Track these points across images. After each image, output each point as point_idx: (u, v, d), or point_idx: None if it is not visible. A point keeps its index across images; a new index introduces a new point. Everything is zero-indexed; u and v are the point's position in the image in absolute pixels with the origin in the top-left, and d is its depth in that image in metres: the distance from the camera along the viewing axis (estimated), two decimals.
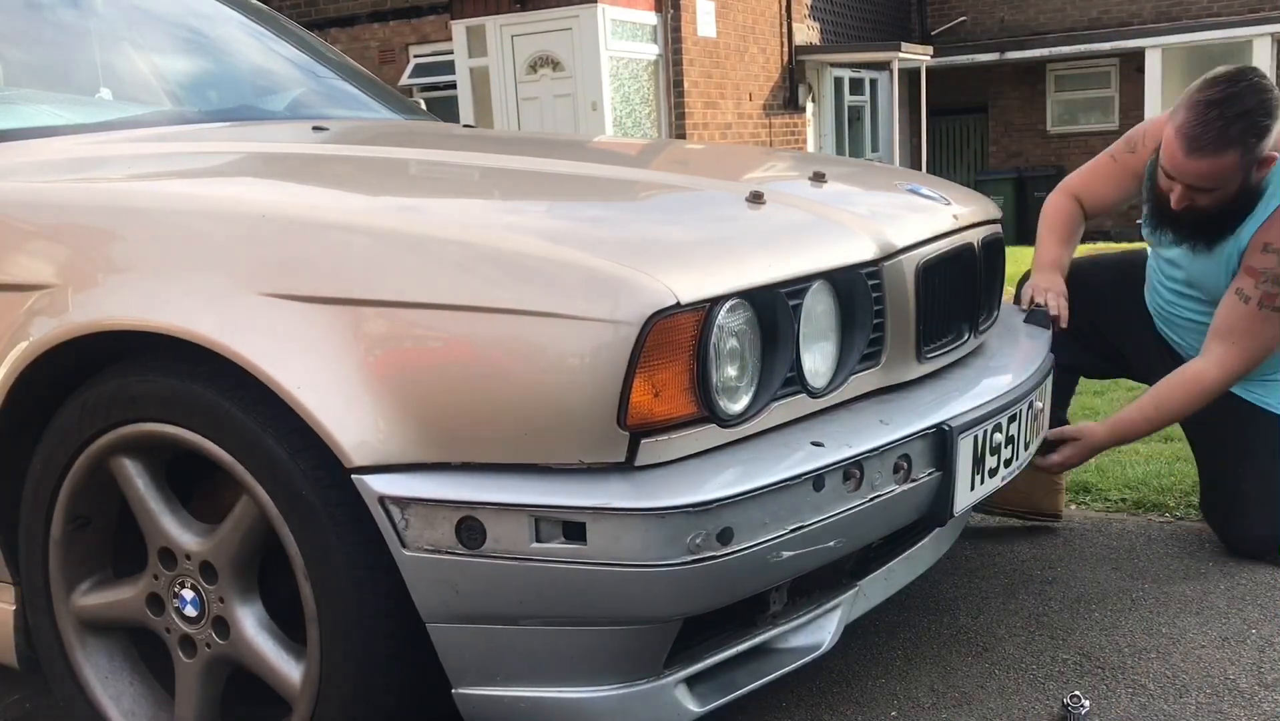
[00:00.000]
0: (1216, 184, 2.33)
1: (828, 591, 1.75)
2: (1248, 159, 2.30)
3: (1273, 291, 2.36)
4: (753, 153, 2.92)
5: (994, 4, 16.07)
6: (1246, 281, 2.39)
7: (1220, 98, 2.27)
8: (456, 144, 2.41)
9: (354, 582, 1.51)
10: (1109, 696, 1.98)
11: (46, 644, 1.82)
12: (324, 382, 1.47)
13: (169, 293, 1.58)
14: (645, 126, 11.24)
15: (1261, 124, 2.27)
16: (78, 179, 1.89)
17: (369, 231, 1.54)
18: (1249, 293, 2.38)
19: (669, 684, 1.54)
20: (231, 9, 2.92)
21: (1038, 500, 2.73)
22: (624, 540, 1.40)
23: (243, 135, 2.32)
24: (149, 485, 1.69)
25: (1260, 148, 2.30)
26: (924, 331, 1.85)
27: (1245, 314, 2.39)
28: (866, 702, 2.00)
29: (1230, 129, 2.26)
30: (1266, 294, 2.37)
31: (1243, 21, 13.84)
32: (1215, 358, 2.42)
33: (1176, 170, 2.34)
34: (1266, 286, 2.36)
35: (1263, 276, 2.37)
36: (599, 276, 1.42)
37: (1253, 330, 2.39)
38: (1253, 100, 2.26)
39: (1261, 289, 2.37)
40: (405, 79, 12.13)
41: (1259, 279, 2.37)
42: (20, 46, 2.45)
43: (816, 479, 1.51)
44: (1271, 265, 2.36)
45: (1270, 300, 2.37)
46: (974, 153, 16.80)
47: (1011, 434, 1.93)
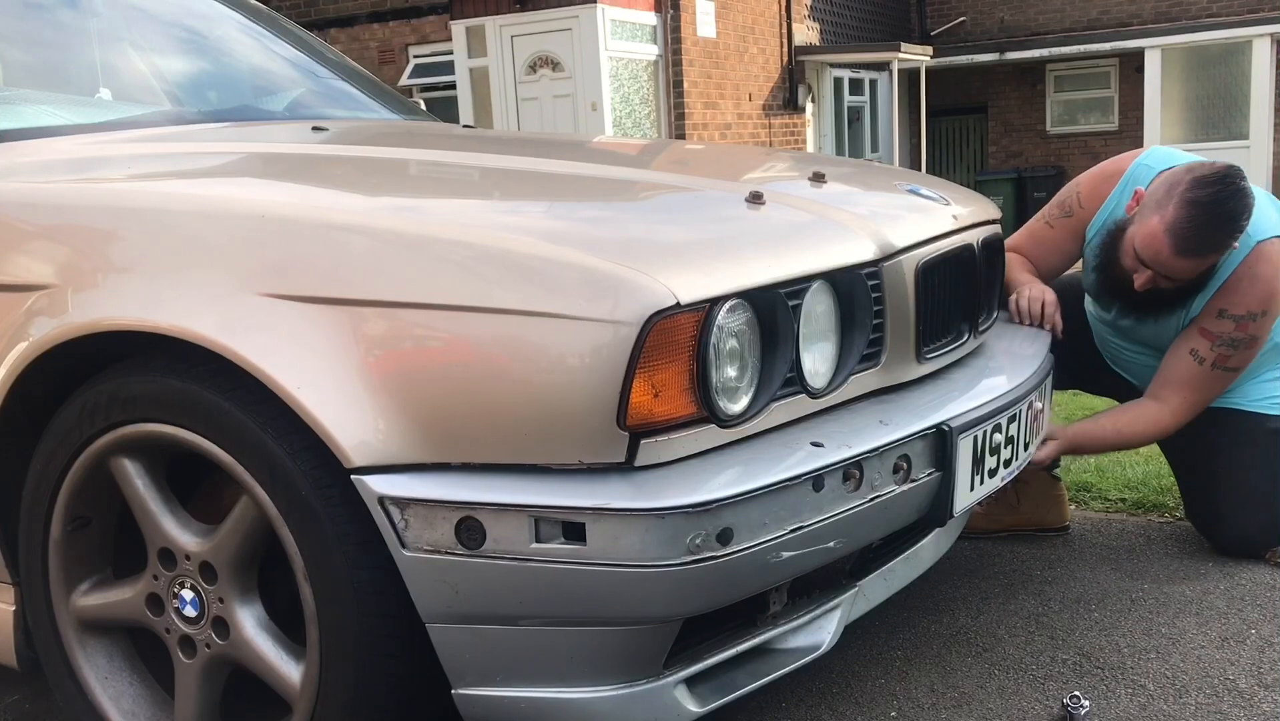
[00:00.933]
0: (1192, 275, 2.39)
1: (828, 591, 1.75)
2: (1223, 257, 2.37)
3: (1226, 354, 2.45)
4: (752, 153, 2.92)
5: (994, 4, 16.07)
6: (1201, 343, 2.46)
7: (1213, 200, 2.30)
8: (456, 144, 2.41)
9: (354, 583, 1.51)
10: (1109, 696, 1.98)
11: (46, 644, 1.82)
12: (324, 383, 1.47)
13: (169, 293, 1.58)
14: (645, 127, 11.23)
15: (1244, 226, 2.33)
16: (78, 179, 1.89)
17: (369, 231, 1.54)
18: (1204, 355, 2.46)
19: (669, 684, 1.54)
20: (231, 9, 2.91)
21: (1042, 517, 2.75)
22: (624, 540, 1.40)
23: (242, 135, 2.32)
24: (149, 485, 1.69)
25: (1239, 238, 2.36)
26: (924, 332, 1.85)
27: (1199, 373, 2.48)
28: (866, 702, 2.00)
29: (1219, 233, 2.31)
30: (1220, 355, 2.46)
31: (1242, 22, 13.83)
32: (1171, 408, 2.50)
33: (1159, 265, 2.36)
34: (1221, 349, 2.45)
35: (1217, 340, 2.45)
36: (599, 276, 1.42)
37: (1205, 386, 2.49)
38: (1240, 205, 2.31)
39: (1216, 351, 2.45)
40: (405, 79, 12.13)
41: (1214, 341, 2.45)
42: (20, 46, 2.45)
43: (816, 479, 1.51)
44: (1227, 330, 2.44)
45: (1223, 361, 2.46)
46: (973, 153, 16.80)
47: (1011, 434, 1.93)
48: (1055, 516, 2.75)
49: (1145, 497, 2.96)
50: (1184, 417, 2.51)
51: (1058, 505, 2.75)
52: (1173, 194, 2.33)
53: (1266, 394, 2.57)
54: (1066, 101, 15.78)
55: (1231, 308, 2.42)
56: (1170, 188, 2.35)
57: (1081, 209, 2.65)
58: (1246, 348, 2.44)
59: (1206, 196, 2.30)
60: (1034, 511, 2.74)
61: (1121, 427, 2.53)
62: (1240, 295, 2.41)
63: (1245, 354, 2.45)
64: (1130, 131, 14.67)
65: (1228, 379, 2.49)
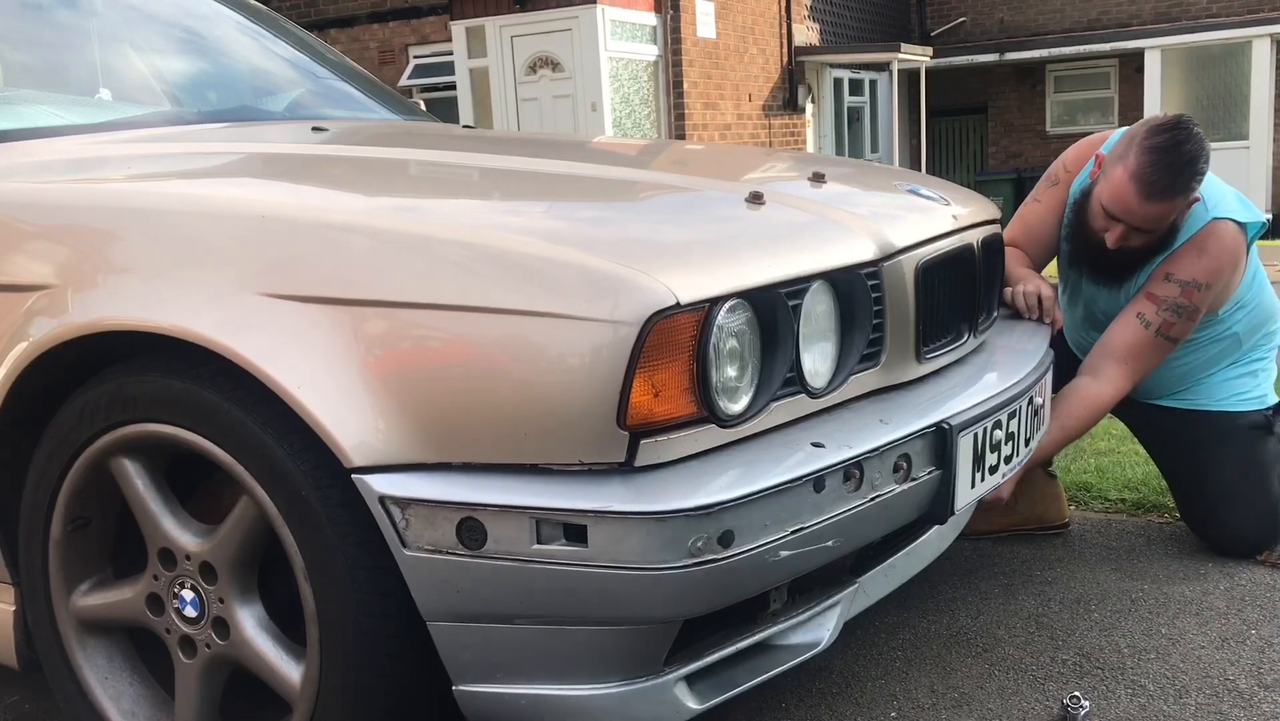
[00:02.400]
0: (1163, 224, 2.42)
1: (827, 588, 1.75)
2: (1190, 201, 2.41)
3: (1170, 320, 2.47)
4: (752, 153, 2.92)
5: (993, 4, 16.07)
6: (1148, 306, 2.49)
7: (1170, 144, 2.36)
8: (456, 144, 2.41)
9: (354, 582, 1.51)
10: (1109, 696, 1.98)
11: (46, 644, 1.82)
12: (324, 383, 1.47)
13: (169, 293, 1.58)
14: (645, 127, 11.23)
15: (1204, 170, 2.38)
16: (78, 179, 1.89)
17: (369, 231, 1.54)
18: (1150, 319, 2.48)
19: (669, 681, 1.54)
20: (231, 10, 2.91)
21: (1041, 513, 2.76)
22: (625, 543, 1.40)
23: (242, 136, 2.32)
24: (149, 485, 1.69)
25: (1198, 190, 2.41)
26: (923, 331, 1.85)
27: (1143, 339, 2.49)
28: (866, 702, 2.00)
29: (1183, 174, 2.35)
30: (1165, 321, 2.47)
31: (1242, 22, 13.83)
32: (1109, 378, 2.51)
33: (1128, 213, 2.40)
34: (1166, 315, 2.47)
35: (1163, 304, 2.47)
36: (598, 276, 1.42)
37: (1145, 354, 2.50)
38: (1197, 147, 2.37)
39: (1161, 316, 2.47)
40: (405, 80, 12.13)
41: (1160, 305, 2.48)
42: (20, 47, 2.45)
43: (817, 480, 1.51)
44: (1173, 294, 2.46)
45: (1167, 328, 2.48)
46: (973, 153, 16.80)
47: (1011, 431, 1.93)
48: (1054, 513, 2.76)
49: (1145, 497, 2.96)
50: (1123, 389, 2.51)
51: (1055, 502, 2.76)
52: (1132, 145, 2.39)
53: (1232, 391, 2.59)
54: (1066, 102, 15.78)
55: (1178, 272, 2.46)
56: (1129, 141, 2.41)
57: (1067, 173, 2.70)
58: (1188, 318, 2.47)
59: (1165, 141, 2.35)
60: (1031, 510, 2.75)
61: (1064, 420, 2.50)
62: (1188, 263, 2.46)
63: (1186, 324, 2.48)
64: None
65: (1166, 349, 2.50)
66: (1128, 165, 2.37)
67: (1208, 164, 2.39)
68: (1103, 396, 2.51)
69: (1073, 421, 2.50)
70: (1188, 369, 2.60)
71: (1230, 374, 2.60)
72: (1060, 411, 2.51)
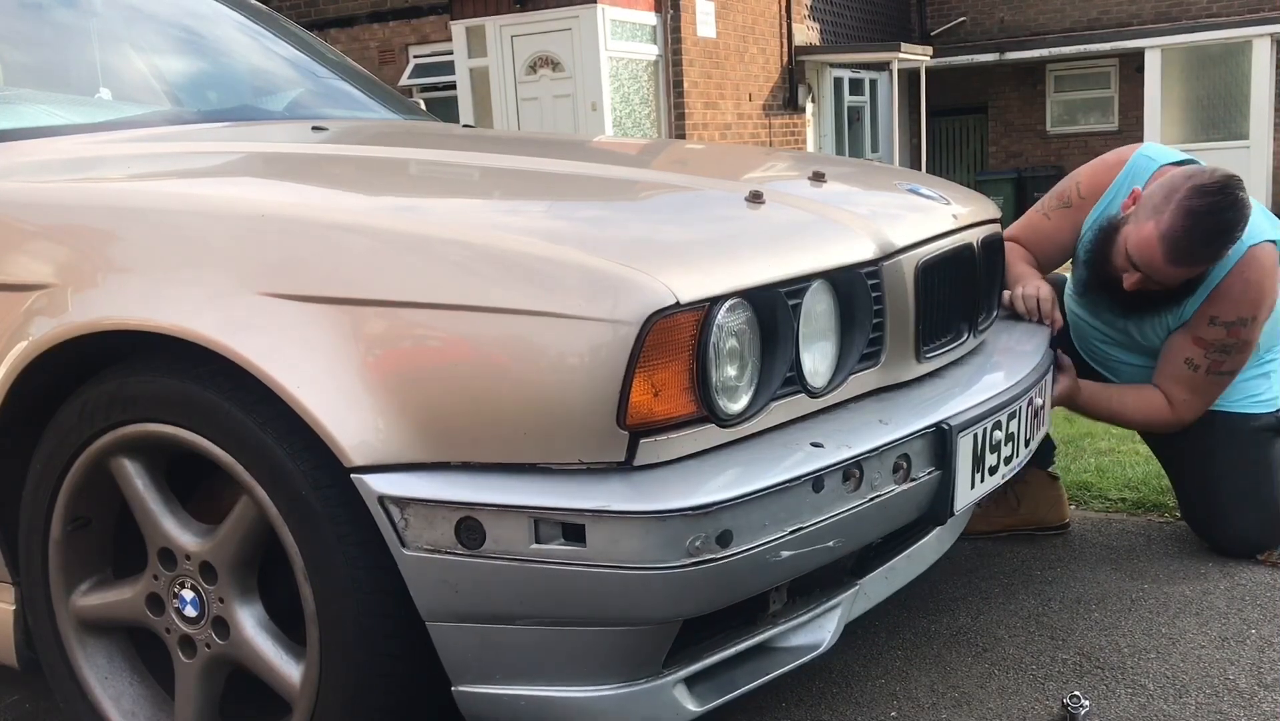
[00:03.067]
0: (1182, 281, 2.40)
1: (828, 590, 1.75)
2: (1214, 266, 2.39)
3: (1219, 360, 2.48)
4: (752, 153, 2.92)
5: (994, 4, 16.07)
6: (1195, 351, 2.48)
7: (1210, 210, 2.28)
8: (456, 144, 2.41)
9: (354, 582, 1.51)
10: (1109, 696, 1.98)
11: (46, 644, 1.82)
12: (324, 382, 1.47)
13: (169, 292, 1.58)
14: (645, 127, 11.23)
15: (1238, 238, 2.33)
16: (78, 179, 1.89)
17: (369, 231, 1.54)
18: (1198, 362, 2.49)
19: (668, 683, 1.54)
20: (231, 9, 2.91)
21: (1042, 515, 2.76)
22: (624, 542, 1.40)
23: (242, 135, 2.32)
24: (149, 485, 1.69)
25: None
26: (923, 331, 1.85)
27: (1194, 379, 2.51)
28: (866, 702, 2.00)
29: (1213, 245, 2.31)
30: (1214, 362, 2.48)
31: (1243, 22, 13.83)
32: (1174, 405, 2.53)
33: (1153, 271, 2.36)
34: (1214, 356, 2.47)
35: (1211, 347, 2.47)
36: (598, 276, 1.42)
37: (1201, 390, 2.52)
38: (1236, 216, 2.30)
39: (1210, 358, 2.48)
40: (405, 79, 12.13)
41: (1207, 349, 2.47)
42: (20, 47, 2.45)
43: (816, 480, 1.51)
44: (1219, 337, 2.45)
45: (1217, 366, 2.48)
46: (973, 153, 16.80)
47: (1011, 431, 1.93)
48: (1054, 515, 2.76)
49: (1145, 497, 2.96)
50: (1184, 416, 2.53)
51: (1057, 504, 2.76)
52: (1170, 200, 2.31)
53: (1245, 393, 2.58)
54: (1066, 101, 15.78)
55: (1223, 314, 2.44)
56: (1169, 193, 2.33)
57: (1081, 199, 2.63)
58: (1239, 352, 2.47)
59: (1204, 206, 2.28)
60: (1033, 511, 2.75)
61: (1126, 402, 2.55)
62: (1231, 301, 2.42)
63: (1238, 358, 2.48)
64: (1130, 131, 14.66)
65: (1223, 383, 2.51)
66: (1160, 222, 2.30)
67: (1245, 229, 2.31)
68: (1163, 413, 2.54)
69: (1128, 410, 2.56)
70: None
71: (1244, 375, 2.58)
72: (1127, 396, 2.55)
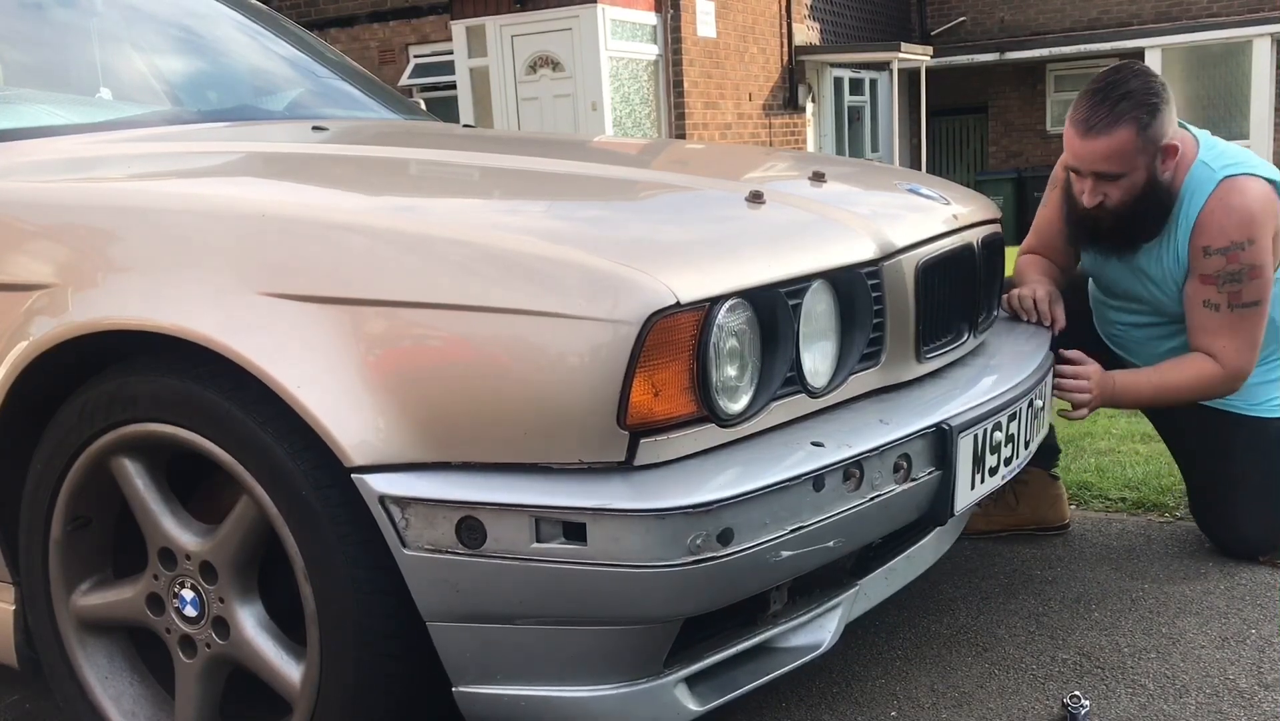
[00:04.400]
0: (1119, 165, 2.35)
1: (828, 590, 1.75)
2: (1144, 138, 2.33)
3: (1235, 290, 2.39)
4: (752, 152, 2.92)
5: (994, 4, 16.07)
6: (1207, 290, 2.41)
7: (1105, 84, 2.34)
8: (456, 144, 2.41)
9: (354, 582, 1.51)
10: (1109, 696, 1.98)
11: (47, 644, 1.82)
12: (324, 382, 1.47)
13: (169, 292, 1.58)
14: (645, 126, 11.23)
15: (1149, 101, 2.32)
16: (78, 179, 1.89)
17: (369, 231, 1.54)
18: (1215, 300, 2.41)
19: (669, 683, 1.54)
20: (231, 9, 2.91)
21: (1042, 514, 2.76)
22: (624, 541, 1.40)
23: (243, 135, 2.32)
24: (149, 485, 1.69)
25: (1154, 127, 2.33)
26: (923, 331, 1.85)
27: (1220, 319, 2.41)
28: (866, 702, 2.00)
29: (1118, 106, 2.31)
30: (1231, 294, 2.40)
31: (1243, 21, 13.83)
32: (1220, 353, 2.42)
33: (1078, 158, 2.37)
34: (1228, 288, 2.40)
35: (1218, 280, 2.40)
36: (598, 276, 1.42)
37: (1234, 328, 2.42)
38: (1136, 83, 2.33)
39: (1224, 292, 2.40)
40: (405, 79, 12.13)
41: (1217, 283, 2.40)
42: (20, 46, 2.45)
43: (816, 479, 1.51)
44: (1220, 266, 2.39)
45: (1237, 298, 2.40)
46: (974, 153, 16.80)
47: (1012, 432, 1.93)
48: (1054, 515, 2.76)
49: (1145, 497, 2.96)
50: (1233, 364, 2.41)
51: (1057, 504, 2.76)
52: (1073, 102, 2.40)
53: (1267, 396, 2.56)
54: (1067, 101, 15.75)
55: (1213, 242, 2.38)
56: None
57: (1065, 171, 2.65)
58: (1251, 278, 2.38)
59: (1099, 83, 2.36)
60: (1033, 511, 2.75)
61: (1167, 374, 2.45)
62: (1216, 228, 2.38)
63: (1254, 285, 2.38)
64: None
65: (1253, 316, 2.40)
66: (1069, 114, 2.39)
67: (1158, 99, 2.33)
68: (1208, 367, 2.42)
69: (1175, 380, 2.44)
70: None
71: (1263, 378, 2.56)
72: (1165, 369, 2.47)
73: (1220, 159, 2.43)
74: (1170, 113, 2.36)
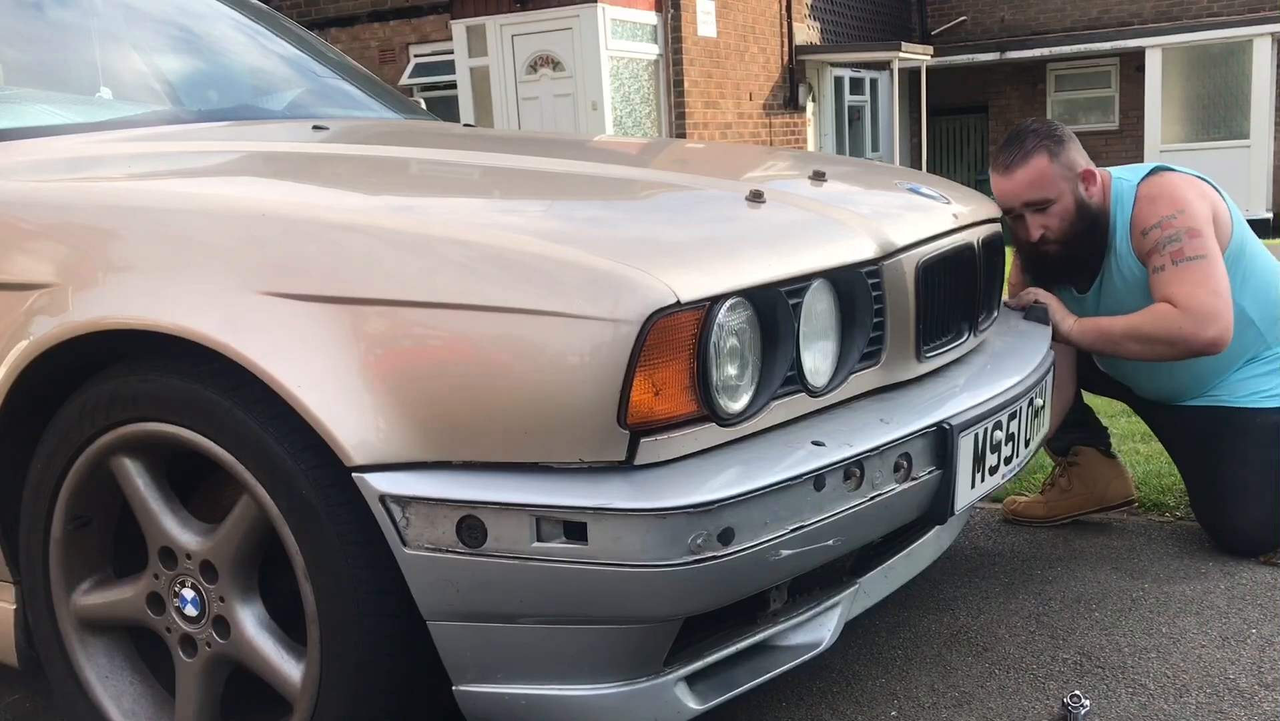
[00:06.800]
0: (1043, 191, 2.53)
1: (828, 589, 1.75)
2: (1058, 164, 2.53)
3: (1177, 249, 2.49)
4: (753, 152, 2.92)
5: (994, 4, 16.06)
6: (1154, 259, 2.52)
7: (1011, 134, 2.61)
8: (456, 143, 2.41)
9: (354, 581, 1.51)
10: (1109, 696, 1.98)
11: (47, 643, 1.82)
12: (325, 381, 1.47)
13: (170, 292, 1.58)
14: (645, 126, 11.23)
15: (1054, 133, 2.57)
16: (78, 178, 1.89)
17: (369, 231, 1.54)
18: (1161, 264, 2.50)
19: (669, 681, 1.54)
20: (231, 9, 2.91)
21: (1102, 493, 2.80)
22: (625, 540, 1.40)
23: (243, 134, 2.32)
24: (149, 484, 1.69)
25: (1064, 155, 2.54)
26: (924, 330, 1.85)
27: (1171, 275, 2.48)
28: (866, 702, 2.00)
29: (1027, 142, 2.55)
30: (1174, 252, 2.49)
31: (1243, 21, 13.82)
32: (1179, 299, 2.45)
33: (1007, 196, 2.56)
34: (1170, 248, 2.50)
35: (1160, 246, 2.50)
36: (599, 275, 1.42)
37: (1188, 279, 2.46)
38: (1039, 125, 2.61)
39: (1167, 253, 2.49)
40: (405, 79, 12.13)
41: (1159, 251, 2.50)
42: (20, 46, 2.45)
43: (817, 478, 1.51)
44: (1158, 236, 2.51)
45: (1180, 254, 2.48)
46: (974, 152, 16.79)
47: (1012, 431, 1.93)
48: (1115, 492, 2.80)
49: (1145, 497, 2.96)
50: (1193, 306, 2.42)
51: (1117, 481, 2.80)
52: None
53: (1254, 389, 2.60)
54: (1067, 101, 15.77)
55: (1146, 223, 2.52)
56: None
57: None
58: (1191, 237, 2.47)
59: (1004, 137, 2.64)
60: (1091, 491, 2.79)
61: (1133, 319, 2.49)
62: (1147, 212, 2.53)
63: (1194, 242, 2.46)
64: (1130, 131, 14.66)
65: (1199, 266, 2.44)
66: (990, 171, 2.62)
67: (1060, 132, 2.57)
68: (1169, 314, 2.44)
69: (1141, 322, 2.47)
70: (1214, 364, 2.59)
71: (1253, 370, 2.60)
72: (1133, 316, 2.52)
73: (1133, 172, 2.62)
74: (1077, 147, 2.59)
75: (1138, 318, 2.50)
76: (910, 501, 1.70)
